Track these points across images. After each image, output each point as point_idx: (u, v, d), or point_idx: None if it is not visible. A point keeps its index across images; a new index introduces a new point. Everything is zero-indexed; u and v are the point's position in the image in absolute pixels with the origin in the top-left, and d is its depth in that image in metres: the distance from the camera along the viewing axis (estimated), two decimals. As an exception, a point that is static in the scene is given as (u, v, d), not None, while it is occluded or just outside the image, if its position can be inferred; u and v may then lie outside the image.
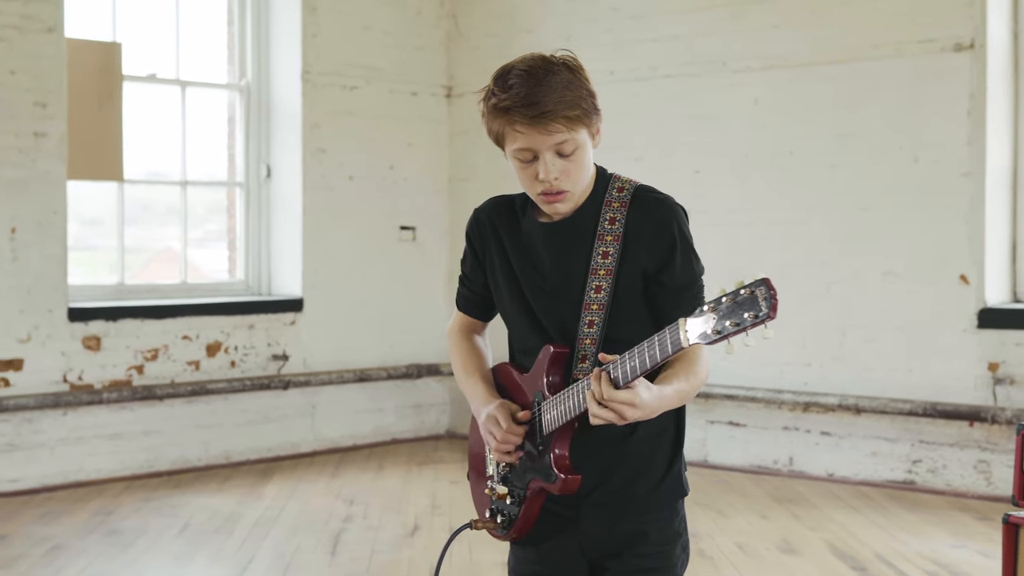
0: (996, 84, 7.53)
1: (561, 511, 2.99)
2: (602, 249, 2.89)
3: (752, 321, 2.38)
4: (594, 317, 2.88)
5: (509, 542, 3.10)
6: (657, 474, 2.96)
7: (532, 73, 2.80)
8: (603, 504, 2.95)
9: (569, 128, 2.81)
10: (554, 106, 2.78)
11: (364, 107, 9.28)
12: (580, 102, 2.80)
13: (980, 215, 7.49)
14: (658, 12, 8.73)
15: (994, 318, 7.47)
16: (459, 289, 3.23)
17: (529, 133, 2.81)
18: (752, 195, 8.32)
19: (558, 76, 2.80)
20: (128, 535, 6.66)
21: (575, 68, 2.83)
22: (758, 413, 8.30)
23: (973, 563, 6.09)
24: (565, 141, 2.82)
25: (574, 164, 2.85)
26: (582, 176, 2.89)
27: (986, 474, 7.47)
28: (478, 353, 3.21)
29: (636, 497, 2.95)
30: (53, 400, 7.73)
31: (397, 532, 6.76)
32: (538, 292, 2.97)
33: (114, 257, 8.60)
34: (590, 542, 2.98)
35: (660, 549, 2.96)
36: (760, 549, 6.38)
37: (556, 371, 2.91)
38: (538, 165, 2.85)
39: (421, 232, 9.65)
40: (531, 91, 2.78)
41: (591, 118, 2.84)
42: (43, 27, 7.69)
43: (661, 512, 2.98)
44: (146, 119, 8.73)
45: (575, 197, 2.91)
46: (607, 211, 2.92)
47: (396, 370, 9.43)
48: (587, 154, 2.87)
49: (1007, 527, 3.54)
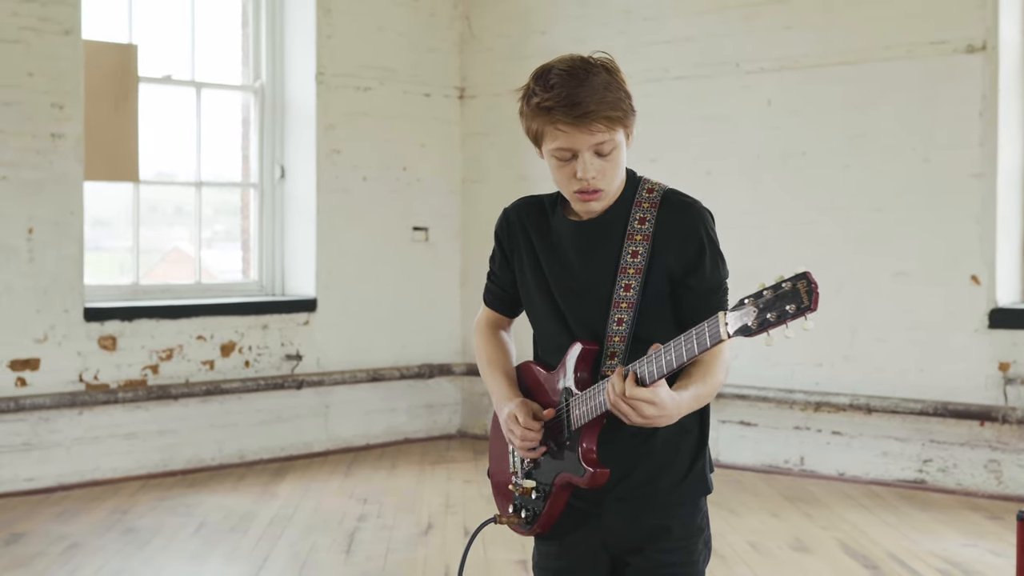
0: (1008, 85, 7.56)
1: (584, 506, 3.02)
2: (632, 248, 2.94)
3: (794, 313, 2.44)
4: (623, 315, 2.92)
5: (533, 538, 3.13)
6: (680, 471, 3.00)
7: (573, 73, 2.85)
8: (625, 499, 2.98)
9: (609, 128, 2.85)
10: (596, 106, 2.83)
11: (378, 108, 9.32)
12: (620, 103, 2.86)
13: (991, 216, 7.52)
14: (671, 14, 8.77)
15: (1005, 318, 7.50)
16: (487, 284, 3.26)
17: (571, 132, 2.86)
18: (764, 196, 8.35)
19: (598, 77, 2.85)
20: (144, 534, 6.71)
21: (613, 70, 2.88)
22: (769, 413, 8.33)
23: (985, 562, 6.12)
24: (604, 141, 2.87)
25: (611, 164, 2.90)
26: (617, 176, 2.94)
27: (997, 473, 7.50)
28: (503, 348, 3.24)
29: (658, 493, 2.98)
30: (69, 400, 7.78)
31: (411, 531, 6.81)
32: (567, 291, 3.01)
33: (123, 258, 8.65)
34: (613, 537, 3.02)
35: (683, 544, 3.00)
36: (772, 548, 6.42)
37: (585, 367, 2.94)
38: (576, 164, 2.89)
39: (434, 233, 9.69)
40: (573, 91, 2.83)
41: (629, 119, 2.90)
42: (60, 29, 7.75)
43: (683, 508, 3.01)
44: (161, 120, 8.78)
45: (609, 196, 2.96)
46: (637, 211, 2.97)
47: (408, 370, 9.47)
48: (623, 154, 2.92)
49: (1021, 524, 3.57)
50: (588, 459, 2.91)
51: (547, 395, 3.05)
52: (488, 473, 3.28)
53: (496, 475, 3.23)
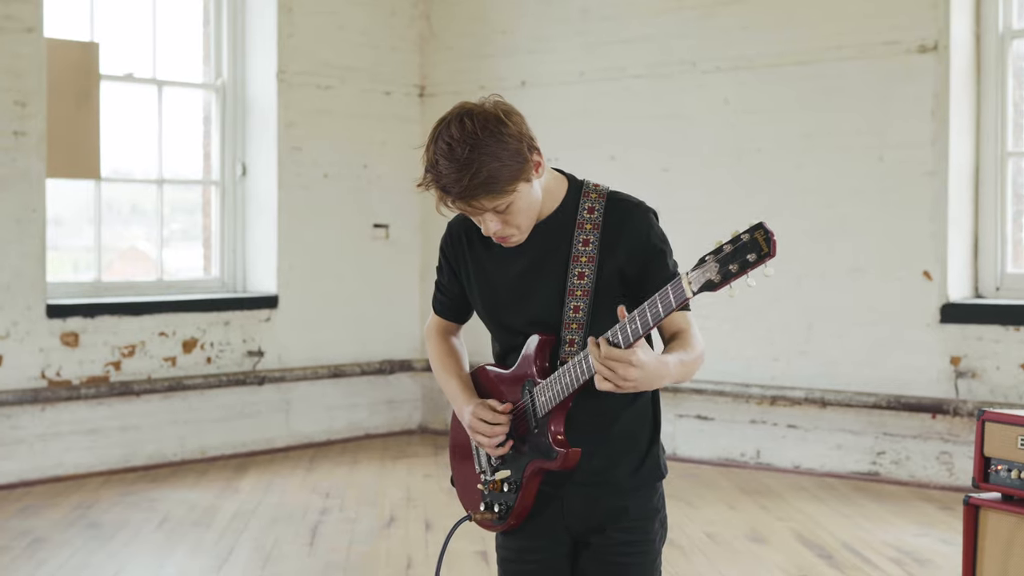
0: (959, 85, 7.70)
1: (548, 490, 3.12)
2: (583, 237, 3.01)
3: (755, 261, 2.53)
4: (579, 303, 3.00)
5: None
6: (636, 459, 3.11)
7: (453, 155, 2.87)
8: (586, 484, 3.09)
9: (492, 198, 2.91)
10: (477, 190, 2.88)
11: (339, 106, 9.38)
12: (503, 173, 2.88)
13: (943, 213, 7.66)
14: (629, 14, 8.87)
15: (956, 313, 7.64)
16: (435, 294, 3.33)
17: (462, 208, 2.94)
18: (720, 193, 8.46)
19: (482, 151, 2.86)
20: (108, 528, 6.76)
21: (496, 130, 2.89)
22: (726, 407, 8.45)
23: (935, 550, 6.25)
24: (495, 205, 2.93)
25: (512, 215, 2.96)
26: (526, 217, 2.99)
27: (948, 465, 7.64)
28: (455, 354, 3.32)
29: (617, 480, 3.09)
30: (31, 396, 7.81)
31: (374, 524, 6.88)
32: (517, 292, 3.09)
33: (79, 257, 8.68)
34: (573, 518, 3.12)
35: (639, 524, 3.11)
36: (729, 538, 6.53)
37: (544, 356, 3.02)
38: (479, 220, 2.98)
39: (394, 230, 9.76)
40: (456, 176, 2.87)
41: (519, 175, 2.92)
42: (22, 27, 7.77)
43: (641, 491, 3.12)
44: (123, 118, 8.81)
45: (526, 231, 3.02)
46: (585, 201, 3.04)
47: (369, 366, 9.54)
48: (526, 199, 2.96)
49: (967, 508, 3.69)
50: (558, 442, 2.99)
51: (505, 395, 3.13)
52: (452, 482, 3.34)
53: (462, 479, 3.29)
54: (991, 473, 3.66)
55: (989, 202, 7.81)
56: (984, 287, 7.86)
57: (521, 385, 3.07)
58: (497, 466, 3.14)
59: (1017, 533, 3.57)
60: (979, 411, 3.70)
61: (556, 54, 9.21)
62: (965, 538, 3.69)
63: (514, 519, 3.13)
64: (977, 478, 3.69)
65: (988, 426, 3.66)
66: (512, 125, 2.92)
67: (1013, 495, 3.62)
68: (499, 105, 2.96)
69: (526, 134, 2.94)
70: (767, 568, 5.99)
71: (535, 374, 3.03)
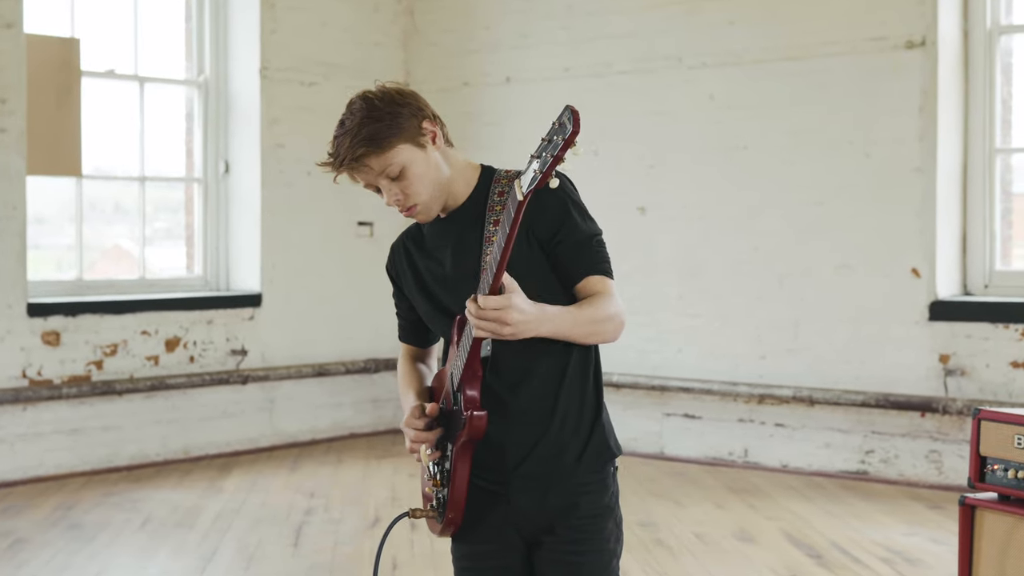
0: (947, 81, 7.67)
1: (488, 486, 3.05)
2: (493, 219, 3.01)
3: (562, 144, 2.47)
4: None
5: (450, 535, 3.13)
6: (581, 440, 3.04)
7: (343, 127, 3.00)
8: (531, 475, 3.02)
9: (378, 157, 2.97)
10: (358, 147, 2.95)
11: (322, 103, 9.30)
12: (384, 131, 2.95)
13: (931, 209, 7.62)
14: (613, 9, 8.82)
15: (945, 310, 7.60)
16: (397, 322, 3.33)
17: (353, 176, 3.03)
18: (707, 190, 8.41)
19: (366, 115, 2.97)
20: (90, 529, 6.69)
21: (383, 98, 2.99)
22: (713, 405, 8.40)
23: (925, 549, 6.21)
24: (386, 168, 2.98)
25: (409, 180, 3.00)
26: (425, 185, 3.02)
27: (937, 464, 7.60)
28: (415, 372, 3.28)
29: (564, 466, 3.02)
30: (12, 395, 7.73)
31: (358, 524, 6.82)
32: (445, 283, 3.09)
33: (61, 255, 8.60)
34: (522, 519, 3.05)
35: (591, 521, 3.03)
36: (718, 538, 6.48)
37: (461, 334, 2.98)
38: (383, 193, 3.04)
39: (378, 228, 9.69)
40: (342, 142, 2.99)
41: (402, 132, 2.98)
42: (2, 23, 7.69)
43: (591, 479, 3.04)
44: (104, 115, 8.73)
45: (432, 204, 3.05)
46: (496, 187, 3.05)
47: (354, 365, 9.47)
48: (421, 165, 3.01)
49: (963, 508, 3.63)
50: (467, 405, 2.92)
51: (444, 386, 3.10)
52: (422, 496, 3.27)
53: (422, 490, 3.23)
54: (987, 473, 3.60)
55: (977, 199, 7.77)
56: (973, 284, 7.82)
57: (449, 371, 3.05)
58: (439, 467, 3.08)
59: (1014, 534, 3.52)
60: (975, 410, 3.64)
61: (541, 50, 9.15)
62: (961, 539, 3.63)
63: (451, 512, 3.03)
64: (973, 478, 3.63)
65: (984, 425, 3.61)
66: (396, 95, 3.01)
67: (1010, 495, 3.56)
68: (389, 84, 3.06)
69: (411, 103, 3.01)
70: (756, 568, 5.94)
71: (455, 352, 3.00)
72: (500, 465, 3.03)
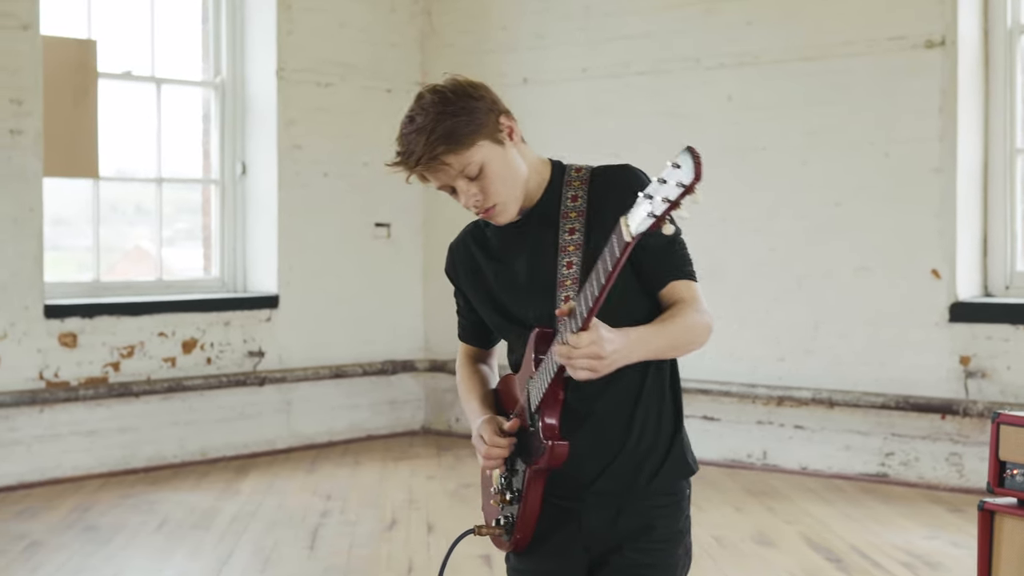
0: (967, 80, 7.61)
1: (561, 503, 2.93)
2: (568, 227, 2.88)
3: (681, 190, 2.35)
4: (568, 292, 2.83)
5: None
6: (659, 455, 2.92)
7: (414, 123, 2.83)
8: (605, 492, 2.90)
9: (457, 155, 2.81)
10: (437, 145, 2.79)
11: (339, 104, 9.29)
12: (463, 128, 2.80)
13: (951, 210, 7.56)
14: (631, 10, 8.78)
15: (965, 312, 7.55)
16: (458, 319, 3.20)
17: (429, 177, 2.86)
18: (724, 191, 8.36)
19: (441, 110, 2.80)
20: (106, 531, 6.67)
21: (457, 92, 2.83)
22: (732, 407, 8.35)
23: (946, 553, 6.16)
24: (465, 166, 2.83)
25: (489, 179, 2.85)
26: (505, 184, 2.88)
27: (958, 466, 7.54)
28: (477, 375, 3.16)
29: (639, 483, 2.90)
30: (29, 397, 7.72)
31: (375, 527, 6.80)
32: (517, 293, 2.95)
33: (81, 257, 8.60)
34: (593, 538, 2.93)
35: (662, 547, 2.91)
36: (736, 541, 6.44)
37: (542, 350, 2.84)
38: (458, 194, 2.88)
39: (396, 229, 9.67)
40: (416, 138, 2.81)
41: (481, 128, 2.83)
42: (18, 24, 7.69)
43: (666, 501, 2.93)
44: (121, 116, 8.73)
45: (511, 203, 2.90)
46: (568, 190, 2.91)
47: (371, 366, 9.45)
48: (500, 163, 2.86)
49: (982, 514, 3.58)
50: (547, 433, 2.80)
51: (515, 401, 2.96)
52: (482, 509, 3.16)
53: (485, 501, 3.12)
54: (1006, 478, 3.55)
55: (998, 199, 7.72)
56: (993, 285, 7.76)
57: (523, 386, 2.91)
58: (507, 482, 2.97)
59: (1034, 539, 3.47)
60: (994, 414, 3.59)
61: (558, 51, 9.12)
62: (980, 545, 3.58)
63: (520, 532, 2.93)
64: (992, 483, 3.58)
65: (1003, 429, 3.56)
66: (474, 90, 2.85)
67: (1030, 500, 3.52)
68: (459, 77, 2.90)
69: (486, 97, 2.86)
70: (775, 572, 5.90)
71: (532, 370, 2.86)
72: (573, 481, 2.90)
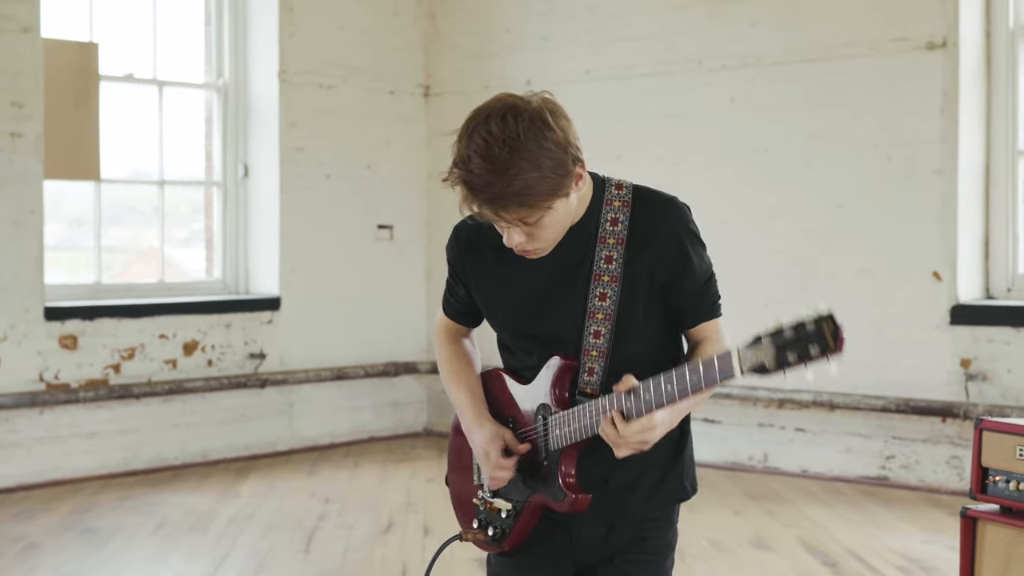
0: (968, 82, 7.57)
1: (556, 517, 2.91)
2: (605, 253, 2.77)
3: (817, 355, 2.32)
4: (600, 327, 2.77)
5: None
6: (658, 475, 2.90)
7: (491, 154, 2.57)
8: (599, 508, 2.87)
9: (524, 211, 2.64)
10: (509, 199, 2.60)
11: (341, 106, 9.29)
12: (541, 186, 2.60)
13: (953, 212, 7.53)
14: (635, 11, 8.76)
15: (967, 314, 7.51)
16: (446, 295, 3.11)
17: (488, 215, 2.68)
18: (727, 193, 8.35)
19: (522, 155, 2.58)
20: (103, 533, 6.67)
21: (540, 134, 2.60)
22: (733, 410, 8.33)
23: (943, 557, 6.13)
24: (525, 218, 2.66)
25: (543, 228, 2.70)
26: (556, 231, 2.73)
27: (959, 470, 7.51)
28: (466, 358, 3.10)
29: (634, 501, 2.89)
30: (29, 399, 7.73)
31: (371, 530, 6.78)
32: (534, 302, 2.86)
33: (89, 258, 8.60)
34: (583, 550, 2.93)
35: (651, 559, 2.92)
36: (733, 545, 6.41)
37: (563, 385, 2.80)
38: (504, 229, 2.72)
39: (398, 231, 9.66)
40: (489, 178, 2.58)
41: (558, 189, 2.64)
42: (19, 27, 7.70)
43: (659, 515, 2.93)
44: (123, 119, 8.73)
45: (553, 244, 2.76)
46: (608, 211, 2.79)
47: (373, 368, 9.44)
48: (560, 214, 2.70)
49: (965, 520, 3.57)
50: (568, 485, 2.79)
51: (517, 408, 2.92)
52: (446, 481, 3.15)
53: (457, 485, 3.10)
54: (989, 484, 3.54)
55: (1000, 201, 7.68)
56: (995, 288, 7.73)
57: (535, 407, 2.86)
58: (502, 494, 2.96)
59: (1015, 547, 3.45)
60: (977, 420, 3.58)
61: (562, 52, 9.10)
62: (962, 551, 3.57)
63: (508, 545, 2.93)
64: (975, 489, 3.57)
65: (986, 435, 3.54)
66: (558, 131, 2.61)
67: (1012, 507, 3.50)
68: (546, 104, 2.65)
69: (572, 143, 2.64)
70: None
71: (552, 402, 2.81)
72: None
